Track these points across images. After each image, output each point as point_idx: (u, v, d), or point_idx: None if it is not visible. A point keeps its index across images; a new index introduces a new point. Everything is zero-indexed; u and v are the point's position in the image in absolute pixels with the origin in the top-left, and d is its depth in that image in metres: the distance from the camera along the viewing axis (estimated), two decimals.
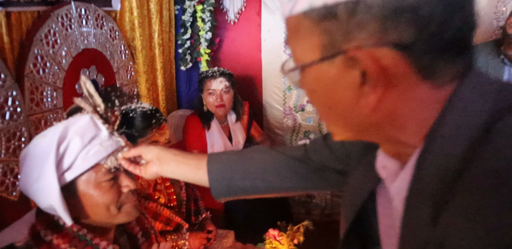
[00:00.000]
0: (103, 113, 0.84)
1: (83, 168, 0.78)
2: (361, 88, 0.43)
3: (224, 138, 2.11)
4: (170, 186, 1.64)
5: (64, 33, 1.46)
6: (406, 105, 0.44)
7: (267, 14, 2.55)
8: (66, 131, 0.78)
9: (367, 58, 0.41)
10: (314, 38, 0.44)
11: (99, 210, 0.82)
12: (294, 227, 1.40)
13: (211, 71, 2.02)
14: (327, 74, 0.45)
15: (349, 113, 0.47)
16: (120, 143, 0.86)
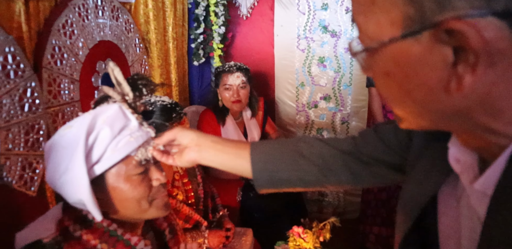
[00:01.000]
0: (131, 103, 0.80)
1: (113, 160, 0.74)
2: (453, 68, 0.37)
3: (239, 134, 2.06)
4: (188, 183, 1.60)
5: (81, 24, 1.41)
6: (506, 87, 0.37)
7: (280, 8, 2.50)
8: (95, 121, 0.74)
9: (470, 30, 0.34)
10: (396, 10, 0.38)
11: (130, 205, 0.78)
12: (320, 224, 1.36)
13: (228, 65, 1.97)
14: (410, 52, 0.38)
15: (433, 99, 0.40)
16: (150, 134, 0.81)
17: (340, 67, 2.52)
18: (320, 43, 2.50)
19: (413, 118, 0.45)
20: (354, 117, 2.59)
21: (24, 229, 0.79)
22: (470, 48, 0.35)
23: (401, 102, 0.44)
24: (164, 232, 0.95)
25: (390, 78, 0.42)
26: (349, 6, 2.41)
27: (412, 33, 0.38)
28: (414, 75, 0.40)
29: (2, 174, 1.07)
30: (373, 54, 0.42)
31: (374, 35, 0.41)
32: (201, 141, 0.78)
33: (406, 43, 0.38)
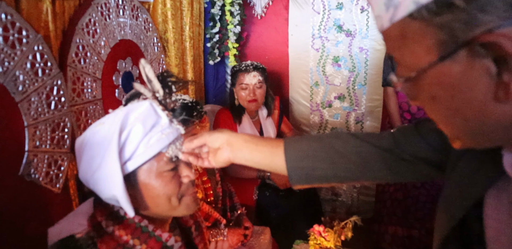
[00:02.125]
0: (162, 100, 0.80)
1: (146, 157, 0.75)
2: (498, 78, 0.38)
3: (256, 133, 2.07)
4: (207, 181, 1.60)
5: (103, 22, 1.42)
6: None
7: (294, 8, 2.50)
8: (127, 118, 0.74)
9: (503, 39, 0.36)
10: (428, 38, 0.41)
11: (161, 201, 0.79)
12: (341, 222, 1.35)
13: (244, 65, 1.97)
14: (451, 73, 0.41)
15: (485, 112, 0.41)
16: (180, 131, 0.82)
17: (354, 66, 2.51)
18: (335, 43, 2.50)
19: (469, 137, 0.46)
20: (369, 117, 2.57)
21: (56, 225, 0.80)
22: (509, 56, 0.37)
23: (453, 122, 0.45)
24: (190, 229, 0.95)
25: (437, 101, 0.44)
26: (364, 5, 2.40)
27: (449, 54, 0.40)
28: (460, 93, 0.41)
29: (30, 171, 1.09)
30: (416, 83, 0.45)
31: (412, 65, 0.44)
32: (233, 140, 0.78)
33: (445, 65, 0.41)
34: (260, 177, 1.97)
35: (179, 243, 0.80)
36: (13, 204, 1.04)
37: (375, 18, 0.49)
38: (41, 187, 1.13)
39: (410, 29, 0.42)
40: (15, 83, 1.02)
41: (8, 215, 1.02)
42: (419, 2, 0.40)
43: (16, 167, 1.05)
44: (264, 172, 1.96)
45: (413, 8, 0.40)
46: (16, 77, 1.01)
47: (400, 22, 0.42)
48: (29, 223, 1.08)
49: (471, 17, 0.37)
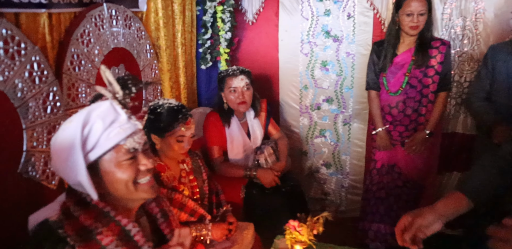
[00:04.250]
0: (121, 99, 0.90)
1: (105, 148, 0.86)
2: None
3: (243, 134, 2.18)
4: (193, 179, 1.72)
5: (97, 33, 1.54)
6: None
7: (284, 14, 2.61)
8: (89, 116, 0.86)
9: None
10: None
11: (119, 186, 0.90)
12: (313, 218, 1.46)
13: (231, 69, 2.09)
14: None
15: None
16: (138, 126, 0.92)
17: (342, 70, 2.61)
18: (323, 48, 2.60)
19: None
20: (356, 119, 2.68)
21: (36, 212, 0.92)
22: None
23: None
24: (156, 216, 1.06)
25: None
26: (351, 12, 2.51)
27: None
28: None
29: (28, 169, 1.21)
30: None
31: None
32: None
33: None
34: (247, 176, 2.09)
35: (136, 228, 0.91)
36: (12, 199, 1.16)
37: None
38: (38, 183, 1.26)
39: None
40: (14, 91, 1.14)
41: (7, 209, 1.14)
42: None
43: (15, 165, 1.17)
44: (251, 171, 2.08)
45: None
46: (15, 85, 1.14)
47: None
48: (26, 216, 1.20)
49: None
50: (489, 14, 2.24)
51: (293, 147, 2.83)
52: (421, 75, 2.07)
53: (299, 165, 2.86)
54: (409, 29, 1.99)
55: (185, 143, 1.58)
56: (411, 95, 2.10)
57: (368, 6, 2.46)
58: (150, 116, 1.56)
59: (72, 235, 0.81)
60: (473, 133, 2.34)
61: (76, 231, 0.82)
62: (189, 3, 2.22)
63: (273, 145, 2.25)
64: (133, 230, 0.89)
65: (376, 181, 2.32)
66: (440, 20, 2.34)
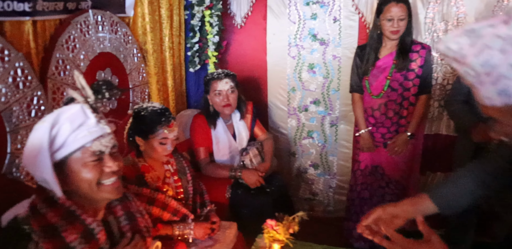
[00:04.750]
0: (93, 104, 0.95)
1: (71, 148, 0.91)
2: None
3: (229, 135, 2.23)
4: (178, 180, 1.77)
5: (83, 38, 1.60)
6: None
7: (272, 18, 2.66)
8: (59, 117, 0.91)
9: None
10: None
11: (82, 185, 0.95)
12: (289, 217, 1.51)
13: (216, 73, 2.14)
14: None
15: None
16: (106, 130, 0.96)
17: (328, 73, 2.67)
18: (310, 51, 2.66)
19: None
20: (343, 120, 2.73)
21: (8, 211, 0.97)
22: None
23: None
24: (119, 218, 1.10)
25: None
26: (337, 16, 2.56)
27: None
28: None
29: (12, 170, 1.26)
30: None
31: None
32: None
33: None
34: (232, 176, 2.14)
35: (100, 228, 0.96)
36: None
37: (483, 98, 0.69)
38: (22, 184, 1.31)
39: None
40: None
41: None
42: None
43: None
44: (236, 172, 2.13)
45: None
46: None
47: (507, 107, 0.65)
48: None
49: None
50: (470, 18, 2.29)
51: (281, 148, 2.88)
52: (402, 79, 2.12)
53: (288, 165, 2.92)
54: (390, 33, 2.04)
55: (168, 145, 1.63)
56: (392, 98, 2.15)
57: (353, 10, 2.51)
58: (134, 119, 1.62)
59: (37, 231, 0.86)
60: (456, 134, 2.39)
61: (42, 227, 0.87)
62: (177, 8, 2.27)
63: (259, 146, 2.31)
64: (96, 229, 0.94)
65: (360, 181, 2.37)
66: (423, 24, 2.39)
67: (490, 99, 0.66)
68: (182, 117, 2.37)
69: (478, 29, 0.64)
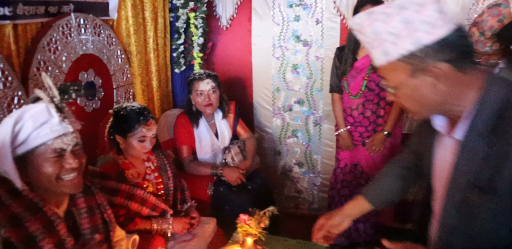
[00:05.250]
0: (58, 103, 1.00)
1: (32, 145, 0.97)
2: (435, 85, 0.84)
3: (211, 134, 2.30)
4: (158, 176, 1.83)
5: (65, 41, 1.66)
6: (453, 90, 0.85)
7: (257, 20, 2.73)
8: (23, 115, 0.96)
9: (437, 68, 0.82)
10: (405, 69, 0.85)
11: (42, 178, 1.01)
12: (260, 212, 1.58)
13: (198, 74, 2.20)
14: (415, 83, 0.86)
15: (429, 101, 0.87)
16: (68, 129, 1.01)
17: (312, 73, 2.73)
18: (294, 52, 2.72)
19: (423, 111, 0.92)
20: (326, 120, 2.79)
21: None
22: (436, 74, 0.82)
23: (415, 105, 0.90)
24: (80, 211, 1.15)
25: (408, 96, 0.89)
26: (319, 18, 2.62)
27: (413, 75, 0.84)
28: (419, 91, 0.86)
29: None
30: (398, 88, 0.89)
31: (397, 81, 0.88)
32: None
33: (412, 80, 0.85)
34: (214, 174, 2.20)
35: (60, 219, 1.02)
36: None
37: (374, 59, 0.90)
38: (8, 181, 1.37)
39: (396, 65, 0.85)
40: None
41: None
42: (402, 54, 0.83)
43: None
44: (217, 170, 2.19)
45: (399, 57, 0.83)
46: None
47: (392, 62, 0.85)
48: None
49: (424, 59, 0.81)
50: None
51: (267, 146, 2.95)
52: (378, 79, 2.18)
53: (273, 164, 2.98)
54: None
55: (146, 142, 1.69)
56: (369, 98, 2.22)
57: (335, 12, 2.58)
58: (114, 119, 1.69)
59: (1, 220, 0.92)
60: None
61: (6, 217, 0.93)
62: (162, 10, 2.34)
63: (241, 144, 2.37)
64: (56, 221, 1.01)
65: (340, 179, 2.43)
66: None
67: (379, 60, 0.88)
68: (168, 117, 2.44)
69: (373, 10, 0.87)
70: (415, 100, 0.88)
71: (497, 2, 1.63)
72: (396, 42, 0.82)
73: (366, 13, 0.87)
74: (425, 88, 0.85)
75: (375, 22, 0.84)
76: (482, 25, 1.62)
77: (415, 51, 0.81)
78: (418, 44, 0.80)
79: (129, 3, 2.04)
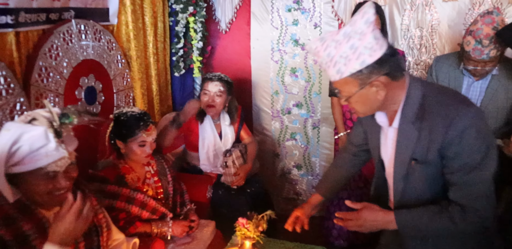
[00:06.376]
0: (57, 128, 1.02)
1: (26, 168, 0.99)
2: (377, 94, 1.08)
3: (215, 134, 2.33)
4: (158, 181, 1.85)
5: (65, 47, 1.69)
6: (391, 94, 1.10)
7: (256, 24, 2.76)
8: (20, 137, 0.97)
9: (378, 81, 1.06)
10: (355, 82, 1.07)
11: (33, 194, 1.05)
12: (258, 216, 1.60)
13: (212, 74, 2.27)
14: (363, 93, 1.08)
15: (374, 104, 1.12)
16: (64, 154, 1.03)
17: (310, 77, 2.76)
18: (292, 55, 2.75)
19: (368, 112, 1.18)
20: (324, 123, 2.82)
21: None
22: (377, 86, 1.07)
23: (365, 109, 1.15)
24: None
25: (358, 102, 1.12)
26: (317, 22, 2.65)
27: (361, 87, 1.07)
28: (367, 99, 1.10)
29: None
30: (350, 97, 1.11)
31: (349, 92, 1.10)
32: None
33: (360, 91, 1.08)
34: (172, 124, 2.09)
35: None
36: None
37: (330, 76, 1.10)
38: None
39: (348, 80, 1.07)
40: None
41: None
42: (352, 72, 1.04)
43: None
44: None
45: (350, 74, 1.05)
46: None
47: (344, 78, 1.06)
48: None
49: (369, 75, 1.04)
50: (443, 25, 2.38)
51: (266, 149, 2.97)
52: None
53: (272, 166, 3.01)
54: None
55: (146, 147, 1.72)
56: None
57: (333, 16, 2.60)
58: (114, 124, 1.71)
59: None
60: None
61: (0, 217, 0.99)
62: (161, 15, 2.36)
63: (242, 148, 2.39)
64: (47, 223, 1.05)
65: None
66: (399, 30, 2.48)
67: (334, 76, 1.08)
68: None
69: (324, 37, 1.08)
70: (364, 105, 1.12)
71: (488, 10, 1.65)
72: (347, 63, 1.03)
73: (319, 40, 1.08)
74: (371, 95, 1.08)
75: (328, 48, 1.05)
76: (478, 33, 1.64)
77: (361, 69, 1.03)
78: (363, 64, 1.02)
79: (129, 8, 2.07)
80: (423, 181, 1.16)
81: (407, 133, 1.12)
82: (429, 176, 1.14)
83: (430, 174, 1.14)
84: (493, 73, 1.79)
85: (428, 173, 1.14)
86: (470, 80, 1.89)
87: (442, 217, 1.11)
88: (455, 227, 1.10)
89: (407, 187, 1.19)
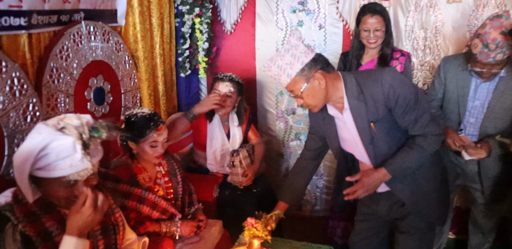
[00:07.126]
0: (86, 140, 1.04)
1: (50, 175, 1.02)
2: (320, 84, 1.37)
3: (223, 135, 2.34)
4: (168, 181, 1.87)
5: (75, 48, 1.70)
6: (332, 86, 1.41)
7: (260, 25, 2.77)
8: (49, 144, 0.99)
9: (317, 73, 1.37)
10: (301, 80, 1.36)
11: (53, 197, 1.09)
12: (267, 215, 1.62)
13: (223, 75, 2.28)
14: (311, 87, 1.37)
15: (322, 94, 1.39)
16: (88, 166, 1.05)
17: None
18: None
19: (319, 104, 1.43)
20: None
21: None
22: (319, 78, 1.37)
23: (316, 102, 1.42)
24: None
25: (309, 96, 1.40)
26: (322, 23, 2.67)
27: (308, 81, 1.37)
28: (314, 90, 1.39)
29: (9, 171, 1.37)
30: (302, 93, 1.39)
31: (299, 88, 1.38)
32: None
33: (308, 85, 1.37)
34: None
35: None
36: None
37: (282, 83, 1.39)
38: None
39: (296, 79, 1.36)
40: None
41: None
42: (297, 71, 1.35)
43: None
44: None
45: (296, 74, 1.35)
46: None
47: (293, 79, 1.36)
48: None
49: (309, 71, 1.36)
50: (447, 26, 2.40)
51: (270, 149, 2.99)
52: None
53: (276, 166, 3.03)
54: (367, 43, 2.15)
55: (158, 147, 1.73)
56: None
57: (337, 17, 2.62)
58: (125, 125, 1.72)
59: (20, 216, 1.00)
60: None
61: (24, 213, 1.02)
62: (168, 17, 2.38)
63: (249, 148, 2.41)
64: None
65: None
66: (404, 31, 2.50)
67: (286, 81, 1.36)
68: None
69: (271, 57, 1.39)
70: (314, 97, 1.39)
71: (498, 14, 1.67)
72: (292, 67, 1.34)
73: (269, 60, 1.38)
74: (316, 87, 1.37)
75: (276, 61, 1.36)
76: (485, 37, 1.66)
77: (303, 67, 1.34)
78: (303, 63, 1.34)
79: (137, 10, 2.08)
80: (385, 136, 1.46)
81: (357, 106, 1.41)
82: (388, 129, 1.45)
83: (388, 128, 1.45)
84: (501, 75, 1.81)
85: (386, 127, 1.44)
86: (478, 81, 1.90)
87: (414, 149, 1.45)
88: (427, 151, 1.46)
89: (377, 147, 1.48)
